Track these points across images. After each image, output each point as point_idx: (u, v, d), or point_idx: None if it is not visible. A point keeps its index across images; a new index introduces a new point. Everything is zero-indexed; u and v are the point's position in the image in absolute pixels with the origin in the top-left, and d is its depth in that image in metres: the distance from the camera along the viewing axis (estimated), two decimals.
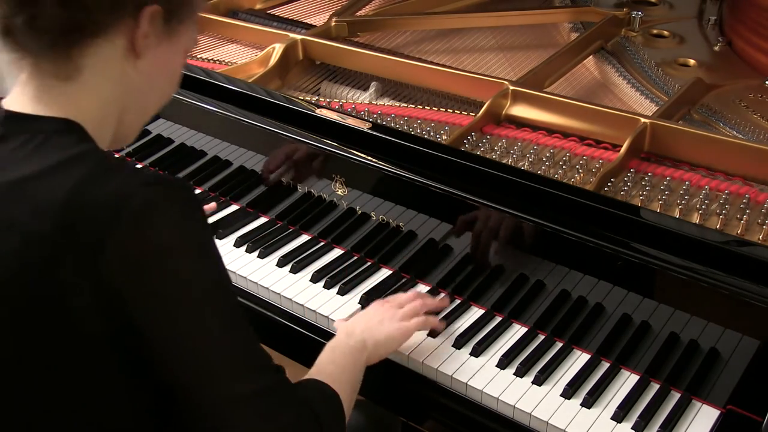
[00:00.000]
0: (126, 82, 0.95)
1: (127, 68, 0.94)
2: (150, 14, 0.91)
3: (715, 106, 1.58)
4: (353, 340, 1.18)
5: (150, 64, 0.95)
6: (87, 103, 0.93)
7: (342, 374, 1.11)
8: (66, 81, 0.91)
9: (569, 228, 1.22)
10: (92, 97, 0.93)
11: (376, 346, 1.19)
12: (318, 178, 1.51)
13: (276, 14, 2.13)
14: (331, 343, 1.17)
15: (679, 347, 1.20)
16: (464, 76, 1.66)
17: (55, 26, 0.87)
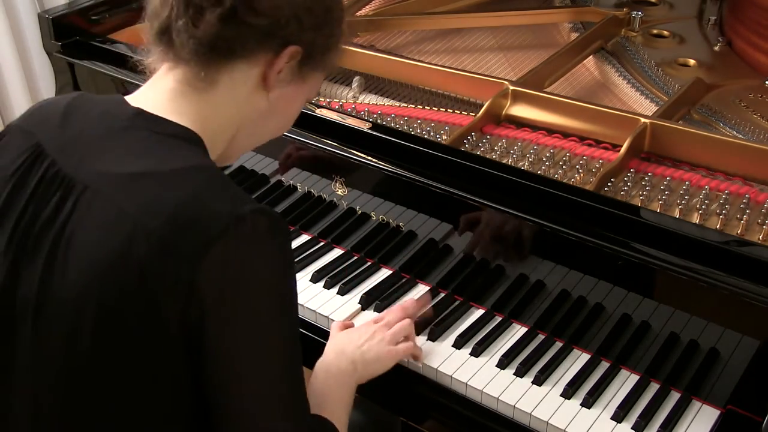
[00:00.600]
0: (250, 108, 0.99)
1: (255, 96, 0.98)
2: (291, 53, 0.96)
3: (715, 106, 1.58)
4: (344, 362, 1.18)
5: (275, 99, 1.00)
6: (211, 116, 0.97)
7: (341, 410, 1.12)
8: (198, 91, 0.96)
9: (569, 228, 1.22)
10: (217, 112, 0.98)
11: (365, 368, 1.19)
12: (318, 178, 1.51)
13: None
14: (323, 367, 1.17)
15: (679, 347, 1.20)
16: (464, 76, 1.66)
17: (209, 38, 0.92)
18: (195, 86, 0.96)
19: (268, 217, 0.89)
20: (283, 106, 1.03)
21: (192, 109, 0.96)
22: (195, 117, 0.96)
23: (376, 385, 1.26)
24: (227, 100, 0.97)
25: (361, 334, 1.23)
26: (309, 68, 1.00)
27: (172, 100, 0.96)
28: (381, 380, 1.28)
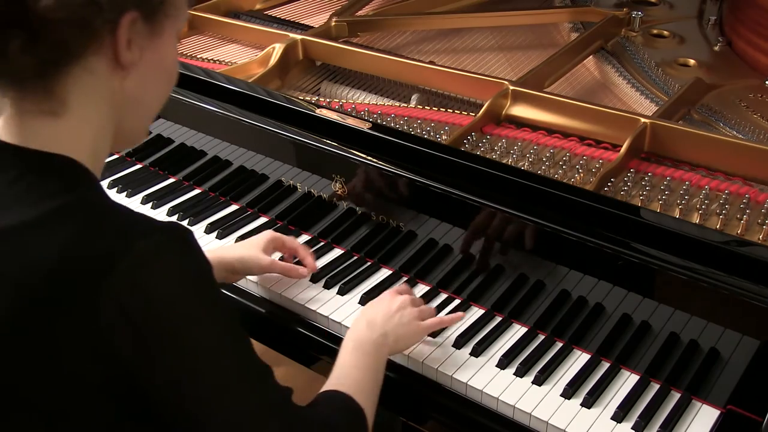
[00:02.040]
0: (118, 99, 0.90)
1: (115, 85, 0.88)
2: (129, 23, 0.85)
3: (715, 106, 1.58)
4: (376, 332, 1.16)
5: (141, 70, 0.89)
6: (80, 136, 0.88)
7: (365, 378, 1.10)
8: (53, 117, 0.86)
9: (569, 228, 1.22)
10: (85, 127, 0.88)
11: (396, 341, 1.19)
12: (318, 178, 1.51)
13: (276, 15, 2.13)
14: (353, 339, 1.15)
15: (679, 347, 1.20)
16: (464, 76, 1.66)
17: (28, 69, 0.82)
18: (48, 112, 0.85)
19: (158, 236, 0.82)
20: (155, 69, 0.91)
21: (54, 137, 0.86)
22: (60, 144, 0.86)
23: None
24: (89, 110, 0.87)
25: (389, 307, 1.21)
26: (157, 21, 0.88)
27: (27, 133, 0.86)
28: None
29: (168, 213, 1.62)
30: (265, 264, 1.36)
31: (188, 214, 1.61)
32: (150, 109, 0.96)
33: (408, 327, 1.21)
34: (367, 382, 1.10)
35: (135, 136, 0.98)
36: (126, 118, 0.93)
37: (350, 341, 1.15)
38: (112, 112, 0.90)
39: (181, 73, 0.99)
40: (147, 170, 1.78)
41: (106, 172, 1.76)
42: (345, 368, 1.11)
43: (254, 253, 1.36)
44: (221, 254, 1.36)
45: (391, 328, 1.18)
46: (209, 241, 1.54)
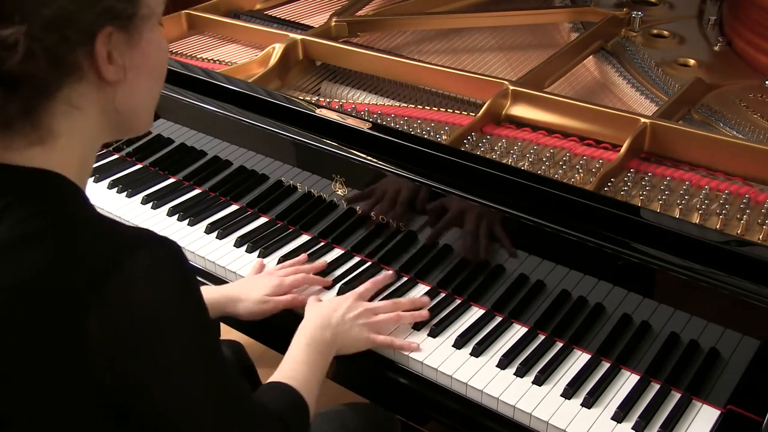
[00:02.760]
0: (109, 110, 0.88)
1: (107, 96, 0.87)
2: (103, 40, 0.82)
3: (715, 106, 1.58)
4: (328, 333, 1.20)
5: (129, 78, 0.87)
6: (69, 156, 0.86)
7: (313, 376, 1.13)
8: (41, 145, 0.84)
9: (569, 228, 1.22)
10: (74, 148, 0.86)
11: (344, 344, 1.23)
12: (318, 178, 1.51)
13: (276, 15, 2.13)
14: (306, 334, 1.19)
15: (679, 347, 1.20)
16: (464, 76, 1.66)
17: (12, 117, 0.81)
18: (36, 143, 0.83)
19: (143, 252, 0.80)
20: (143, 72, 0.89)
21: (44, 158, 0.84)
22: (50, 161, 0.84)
23: (377, 386, 1.27)
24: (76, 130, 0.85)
25: (346, 311, 1.25)
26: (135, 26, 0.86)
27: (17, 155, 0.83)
28: (381, 381, 1.29)
29: (168, 213, 1.62)
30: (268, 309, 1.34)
31: (188, 214, 1.61)
32: (147, 107, 0.94)
33: (358, 336, 1.24)
34: (314, 379, 1.14)
35: (138, 130, 0.96)
36: (123, 123, 0.92)
37: (303, 337, 1.18)
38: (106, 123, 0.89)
39: (181, 73, 0.99)
40: (147, 170, 1.78)
41: (106, 172, 1.76)
42: (294, 363, 1.14)
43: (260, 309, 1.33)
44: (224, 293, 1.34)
45: (342, 331, 1.22)
46: (209, 241, 1.54)
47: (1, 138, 0.83)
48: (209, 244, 1.53)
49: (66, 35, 0.79)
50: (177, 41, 1.99)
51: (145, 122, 0.95)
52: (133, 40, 0.86)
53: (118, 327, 0.78)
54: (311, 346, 1.18)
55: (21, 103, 0.80)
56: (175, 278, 0.83)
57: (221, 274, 1.49)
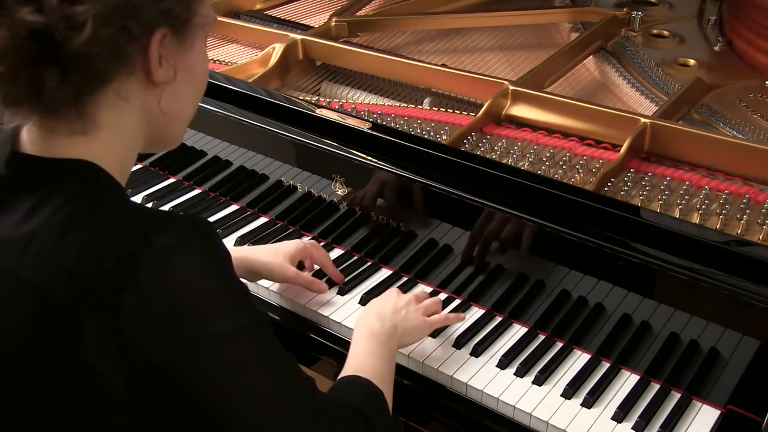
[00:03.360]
0: (151, 112, 0.90)
1: (149, 99, 0.89)
2: (157, 42, 0.85)
3: (715, 106, 1.58)
4: (387, 324, 1.18)
5: (174, 84, 0.90)
6: (110, 148, 0.88)
7: (382, 367, 1.11)
8: (84, 135, 0.86)
9: (569, 228, 1.22)
10: (116, 142, 0.89)
11: (404, 334, 1.20)
12: (318, 178, 1.51)
13: (276, 15, 2.13)
14: (366, 329, 1.16)
15: (679, 347, 1.20)
16: (464, 76, 1.66)
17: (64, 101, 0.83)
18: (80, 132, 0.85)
19: (175, 231, 0.81)
20: (188, 79, 0.92)
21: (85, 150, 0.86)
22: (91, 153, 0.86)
23: None
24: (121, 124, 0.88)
25: (397, 302, 1.23)
26: (186, 33, 0.88)
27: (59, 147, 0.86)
28: None
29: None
30: (290, 275, 1.35)
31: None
32: (185, 117, 0.97)
33: (415, 321, 1.22)
34: (384, 370, 1.11)
35: (170, 143, 0.99)
36: (161, 129, 0.94)
37: (362, 331, 1.16)
38: (146, 126, 0.91)
39: None
40: (147, 170, 1.78)
41: None
42: (361, 356, 1.12)
43: (281, 262, 1.34)
44: (247, 254, 1.35)
45: (400, 320, 1.20)
46: None
47: (47, 121, 0.85)
48: None
49: (129, 26, 0.81)
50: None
51: (179, 133, 0.99)
52: (183, 45, 0.89)
53: (152, 306, 0.80)
54: (373, 338, 1.15)
55: (73, 87, 0.82)
56: (207, 256, 0.84)
57: None
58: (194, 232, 0.83)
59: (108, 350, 0.80)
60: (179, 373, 0.83)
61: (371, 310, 1.22)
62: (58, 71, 0.80)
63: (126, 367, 0.81)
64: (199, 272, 0.82)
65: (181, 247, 0.81)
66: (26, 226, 0.83)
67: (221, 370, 0.84)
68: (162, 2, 0.84)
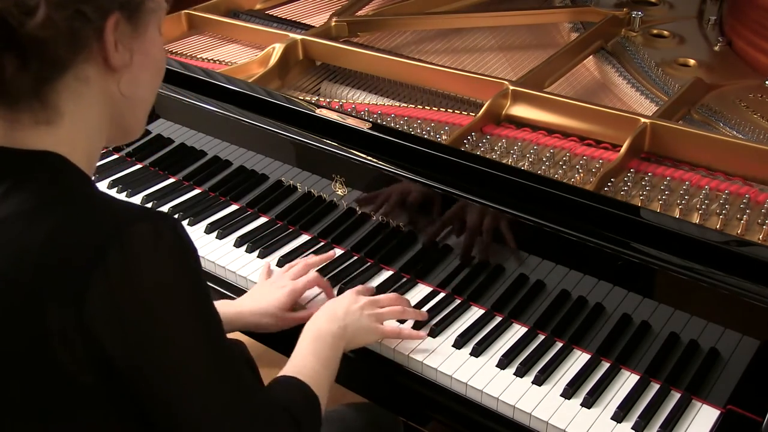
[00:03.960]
0: (113, 97, 0.91)
1: (109, 84, 0.90)
2: (112, 26, 0.86)
3: (715, 106, 1.58)
4: (335, 325, 1.19)
5: (131, 70, 0.91)
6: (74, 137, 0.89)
7: (323, 369, 1.13)
8: (48, 125, 0.87)
9: (569, 228, 1.22)
10: (80, 131, 0.89)
11: (354, 336, 1.22)
12: (318, 178, 1.51)
13: (276, 14, 2.13)
14: (313, 330, 1.18)
15: (679, 347, 1.20)
16: (464, 76, 1.66)
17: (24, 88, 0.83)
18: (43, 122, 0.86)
19: (146, 224, 0.82)
20: (144, 65, 0.93)
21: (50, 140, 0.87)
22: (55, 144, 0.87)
23: (377, 386, 1.27)
24: (83, 114, 0.88)
25: (351, 304, 1.24)
26: (139, 18, 0.90)
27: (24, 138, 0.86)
28: (382, 381, 1.29)
29: (168, 213, 1.62)
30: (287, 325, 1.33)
31: (188, 214, 1.61)
32: (145, 102, 0.98)
33: (367, 326, 1.24)
34: (324, 372, 1.13)
35: (133, 131, 0.99)
36: (123, 116, 0.94)
37: (310, 331, 1.18)
38: (108, 113, 0.92)
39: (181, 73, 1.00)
40: (147, 170, 1.78)
41: (106, 172, 1.76)
42: (304, 357, 1.13)
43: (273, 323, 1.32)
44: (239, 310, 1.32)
45: (351, 321, 1.21)
46: (209, 241, 1.55)
47: (11, 113, 0.86)
48: (209, 244, 1.53)
49: (82, 10, 0.83)
50: (177, 41, 1.99)
51: (141, 120, 0.99)
52: (137, 31, 0.90)
53: (118, 298, 0.80)
54: (319, 339, 1.17)
55: (33, 75, 0.82)
56: (175, 251, 0.84)
57: (221, 274, 1.49)
58: (165, 226, 0.84)
59: (71, 339, 0.80)
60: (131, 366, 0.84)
61: (323, 311, 1.23)
62: (16, 57, 0.81)
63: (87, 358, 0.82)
64: (167, 267, 0.83)
65: (154, 241, 0.82)
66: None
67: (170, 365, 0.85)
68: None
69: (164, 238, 0.83)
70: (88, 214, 0.82)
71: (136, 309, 0.81)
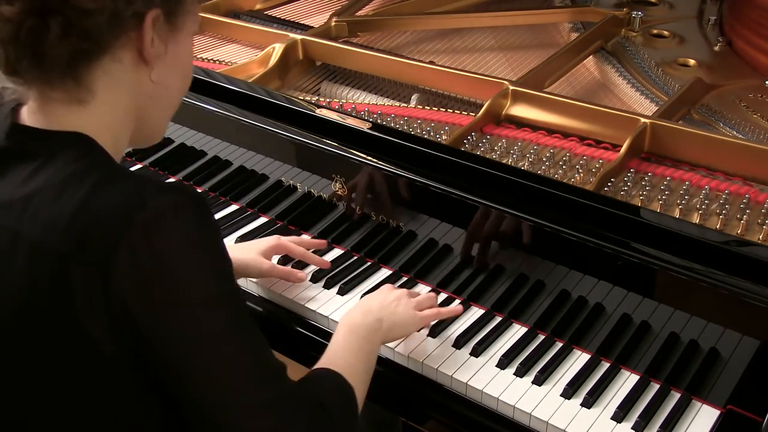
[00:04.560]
0: (141, 91, 0.94)
1: (140, 77, 0.93)
2: (152, 20, 0.90)
3: (715, 106, 1.58)
4: (370, 318, 1.18)
5: (162, 67, 0.94)
6: (103, 121, 0.92)
7: (358, 361, 1.11)
8: (81, 104, 0.90)
9: (569, 228, 1.22)
10: (108, 115, 0.92)
11: (390, 328, 1.20)
12: (318, 178, 1.51)
13: (276, 15, 2.13)
14: (347, 323, 1.17)
15: (679, 347, 1.20)
16: (464, 76, 1.66)
17: (61, 59, 0.86)
18: (75, 100, 0.90)
19: (174, 195, 0.85)
20: (174, 66, 0.97)
21: (80, 121, 0.90)
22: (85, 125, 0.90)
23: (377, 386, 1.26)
24: (114, 98, 0.92)
25: (386, 297, 1.24)
26: (179, 14, 0.94)
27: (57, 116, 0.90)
28: (382, 381, 1.28)
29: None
30: (265, 269, 1.36)
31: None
32: (169, 105, 1.01)
33: (404, 315, 1.23)
34: (359, 365, 1.11)
35: (154, 133, 1.02)
36: (147, 113, 0.97)
37: (344, 325, 1.17)
38: (135, 105, 0.95)
39: None
40: (147, 170, 1.78)
41: None
42: (338, 349, 1.12)
43: (253, 257, 1.36)
44: None
45: (386, 315, 1.20)
46: None
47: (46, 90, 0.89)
48: None
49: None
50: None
51: (162, 125, 1.03)
52: (173, 32, 0.94)
53: (143, 264, 0.82)
54: (353, 332, 1.15)
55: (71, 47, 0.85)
56: (200, 224, 0.87)
57: None
58: (190, 199, 0.87)
59: (96, 306, 0.83)
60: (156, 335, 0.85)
61: (358, 305, 1.23)
62: (60, 24, 0.83)
63: (112, 326, 0.84)
64: (190, 238, 0.85)
65: (177, 212, 0.84)
66: (26, 188, 0.86)
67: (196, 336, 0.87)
68: None
69: (186, 210, 0.85)
70: (115, 186, 0.85)
71: (158, 276, 0.83)
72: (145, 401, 0.91)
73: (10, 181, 0.88)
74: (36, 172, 0.87)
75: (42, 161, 0.88)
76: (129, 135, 0.97)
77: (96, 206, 0.83)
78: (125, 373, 0.88)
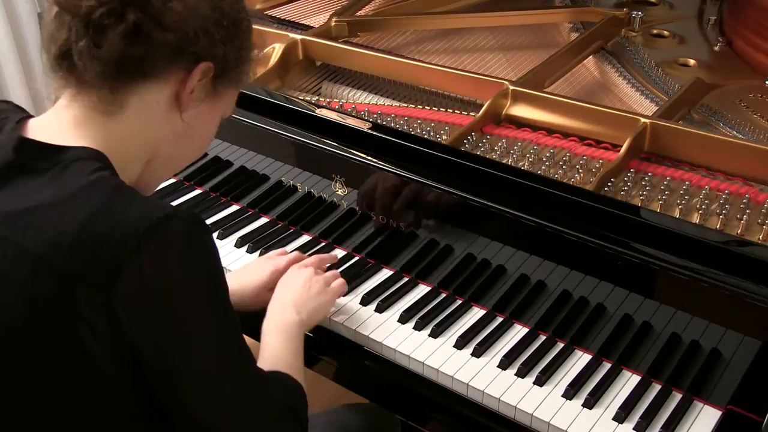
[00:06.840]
0: (164, 130, 0.95)
1: (168, 117, 0.94)
2: (203, 70, 0.92)
3: (715, 106, 1.58)
4: (291, 314, 1.21)
5: (189, 119, 0.96)
6: (121, 139, 0.92)
7: (296, 359, 1.15)
8: (106, 114, 0.91)
9: (569, 228, 1.23)
10: (128, 135, 0.93)
11: (310, 317, 1.25)
12: (318, 178, 1.51)
13: (276, 15, 2.13)
14: (275, 324, 1.20)
15: (680, 348, 1.20)
16: (464, 76, 1.66)
17: (115, 59, 0.86)
18: (102, 110, 0.90)
19: (180, 220, 0.85)
20: (199, 127, 0.99)
21: (99, 134, 0.91)
22: (102, 140, 0.91)
23: (377, 387, 1.26)
24: (138, 123, 0.92)
25: (296, 285, 1.27)
26: (222, 84, 0.97)
27: (76, 127, 0.91)
28: (382, 381, 1.29)
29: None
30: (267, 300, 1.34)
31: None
32: (174, 162, 1.03)
33: (317, 300, 1.27)
34: (297, 363, 1.15)
35: (153, 180, 1.02)
36: (159, 156, 0.98)
37: (271, 325, 1.20)
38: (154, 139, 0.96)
39: None
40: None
41: None
42: (277, 352, 1.15)
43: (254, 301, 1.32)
44: None
45: (302, 305, 1.24)
46: None
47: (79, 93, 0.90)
48: None
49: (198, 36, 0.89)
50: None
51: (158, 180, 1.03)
52: (211, 95, 0.96)
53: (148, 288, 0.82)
54: (284, 332, 1.18)
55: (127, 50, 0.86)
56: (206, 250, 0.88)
57: None
58: (197, 224, 0.87)
59: (99, 325, 0.83)
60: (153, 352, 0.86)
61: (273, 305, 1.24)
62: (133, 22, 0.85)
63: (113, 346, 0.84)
64: (197, 265, 0.87)
65: (186, 239, 0.85)
66: (32, 200, 0.85)
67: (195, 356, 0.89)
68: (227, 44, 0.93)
69: (194, 236, 0.86)
70: (124, 205, 0.84)
71: (162, 299, 0.84)
72: (141, 417, 0.92)
73: (14, 193, 0.87)
74: (44, 186, 0.86)
75: (52, 175, 0.87)
76: (139, 170, 0.97)
77: (102, 227, 0.82)
78: (123, 391, 0.88)
